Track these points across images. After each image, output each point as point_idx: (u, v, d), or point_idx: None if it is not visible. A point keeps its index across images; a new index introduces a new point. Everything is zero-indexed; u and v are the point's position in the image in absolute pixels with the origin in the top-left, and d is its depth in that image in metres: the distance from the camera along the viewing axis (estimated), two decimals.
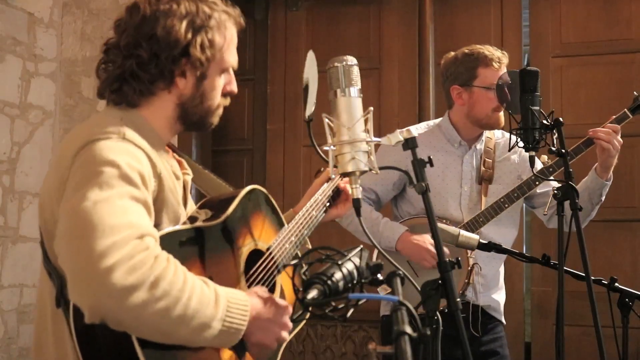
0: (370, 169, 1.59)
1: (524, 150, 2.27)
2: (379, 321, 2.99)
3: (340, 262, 1.45)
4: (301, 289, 1.40)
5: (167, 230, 1.55)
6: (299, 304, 1.40)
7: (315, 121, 1.74)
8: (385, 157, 2.72)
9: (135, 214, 1.44)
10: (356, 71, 1.62)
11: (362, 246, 1.54)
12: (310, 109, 1.73)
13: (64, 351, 1.54)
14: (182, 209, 1.68)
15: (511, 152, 2.92)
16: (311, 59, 1.75)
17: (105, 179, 1.44)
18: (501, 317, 2.94)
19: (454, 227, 2.43)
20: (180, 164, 1.77)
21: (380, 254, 1.70)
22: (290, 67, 4.57)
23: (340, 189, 2.06)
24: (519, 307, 4.12)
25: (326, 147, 1.60)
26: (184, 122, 1.72)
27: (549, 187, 2.86)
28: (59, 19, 4.19)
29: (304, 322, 1.81)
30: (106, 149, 1.49)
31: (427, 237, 2.76)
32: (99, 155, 1.48)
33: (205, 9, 1.66)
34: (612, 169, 2.76)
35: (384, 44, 4.46)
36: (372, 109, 1.61)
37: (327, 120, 1.59)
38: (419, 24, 4.39)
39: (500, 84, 2.77)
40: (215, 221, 1.65)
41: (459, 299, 1.67)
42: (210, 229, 1.63)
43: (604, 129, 2.71)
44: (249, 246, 1.74)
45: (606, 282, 2.28)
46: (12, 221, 3.86)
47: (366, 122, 1.60)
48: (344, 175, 1.60)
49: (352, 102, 1.59)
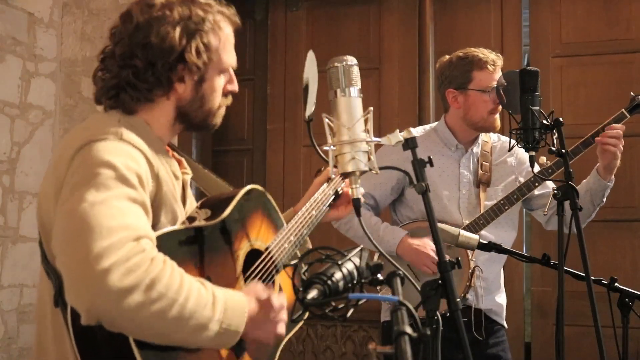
0: (370, 169, 1.59)
1: (524, 150, 2.27)
2: (379, 321, 2.98)
3: (340, 262, 1.45)
4: (301, 289, 1.40)
5: (165, 230, 1.54)
6: (299, 304, 1.40)
7: (315, 121, 1.74)
8: (384, 159, 2.71)
9: (132, 216, 1.44)
10: (356, 71, 1.61)
11: (362, 246, 1.55)
12: (310, 109, 1.73)
13: (64, 350, 1.54)
14: (181, 208, 1.68)
15: (508, 155, 2.93)
16: (311, 59, 1.75)
17: (102, 180, 1.44)
18: (503, 321, 2.93)
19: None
20: (180, 164, 1.77)
21: (381, 256, 1.70)
22: (290, 67, 4.57)
23: (341, 192, 2.06)
24: (519, 307, 4.12)
25: (326, 147, 1.60)
26: (185, 124, 1.72)
27: (547, 189, 2.85)
28: (59, 19, 4.18)
29: (302, 322, 1.81)
30: (103, 150, 1.49)
31: (428, 242, 2.74)
32: (96, 156, 1.48)
33: (198, 12, 1.65)
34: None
35: (384, 44, 4.46)
36: (372, 109, 1.61)
37: (327, 120, 1.59)
38: (419, 24, 4.38)
39: (497, 87, 2.77)
40: (213, 221, 1.65)
41: (458, 299, 1.67)
42: (208, 228, 1.63)
43: (613, 132, 2.68)
44: (248, 246, 1.74)
45: (606, 282, 2.28)
46: (12, 221, 3.85)
47: (366, 122, 1.59)
48: (344, 175, 1.60)
49: (352, 102, 1.59)
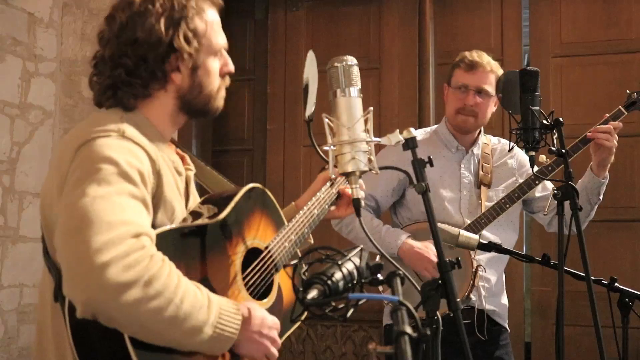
0: (370, 169, 1.59)
1: (524, 150, 2.27)
2: (379, 321, 2.98)
3: (340, 262, 1.45)
4: (301, 289, 1.40)
5: (165, 228, 1.55)
6: (299, 304, 1.40)
7: (315, 121, 1.74)
8: (384, 160, 2.71)
9: (132, 212, 1.45)
10: (356, 71, 1.61)
11: (362, 246, 1.55)
12: (310, 109, 1.73)
13: (63, 346, 1.55)
14: (182, 204, 1.69)
15: (508, 157, 2.94)
16: (311, 59, 1.75)
17: (103, 175, 1.45)
18: (505, 324, 2.92)
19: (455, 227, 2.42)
20: (183, 159, 1.79)
21: (382, 257, 1.69)
22: (290, 67, 4.57)
23: (342, 193, 2.06)
24: (519, 307, 4.11)
25: (326, 147, 1.60)
26: (187, 113, 1.74)
27: (547, 192, 2.86)
28: (58, 19, 4.18)
29: (299, 323, 1.81)
30: (105, 147, 1.50)
31: (430, 246, 2.72)
32: (98, 152, 1.49)
33: (180, 0, 1.66)
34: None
35: (384, 44, 4.46)
36: (372, 109, 1.61)
37: (327, 120, 1.59)
38: (419, 24, 4.38)
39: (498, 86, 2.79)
40: (214, 219, 1.66)
41: (458, 299, 1.67)
42: (208, 227, 1.63)
43: (604, 127, 2.70)
44: (248, 244, 1.74)
45: (606, 282, 2.28)
46: (12, 221, 3.86)
47: (366, 122, 1.59)
48: (344, 175, 1.60)
49: (352, 102, 1.59)
